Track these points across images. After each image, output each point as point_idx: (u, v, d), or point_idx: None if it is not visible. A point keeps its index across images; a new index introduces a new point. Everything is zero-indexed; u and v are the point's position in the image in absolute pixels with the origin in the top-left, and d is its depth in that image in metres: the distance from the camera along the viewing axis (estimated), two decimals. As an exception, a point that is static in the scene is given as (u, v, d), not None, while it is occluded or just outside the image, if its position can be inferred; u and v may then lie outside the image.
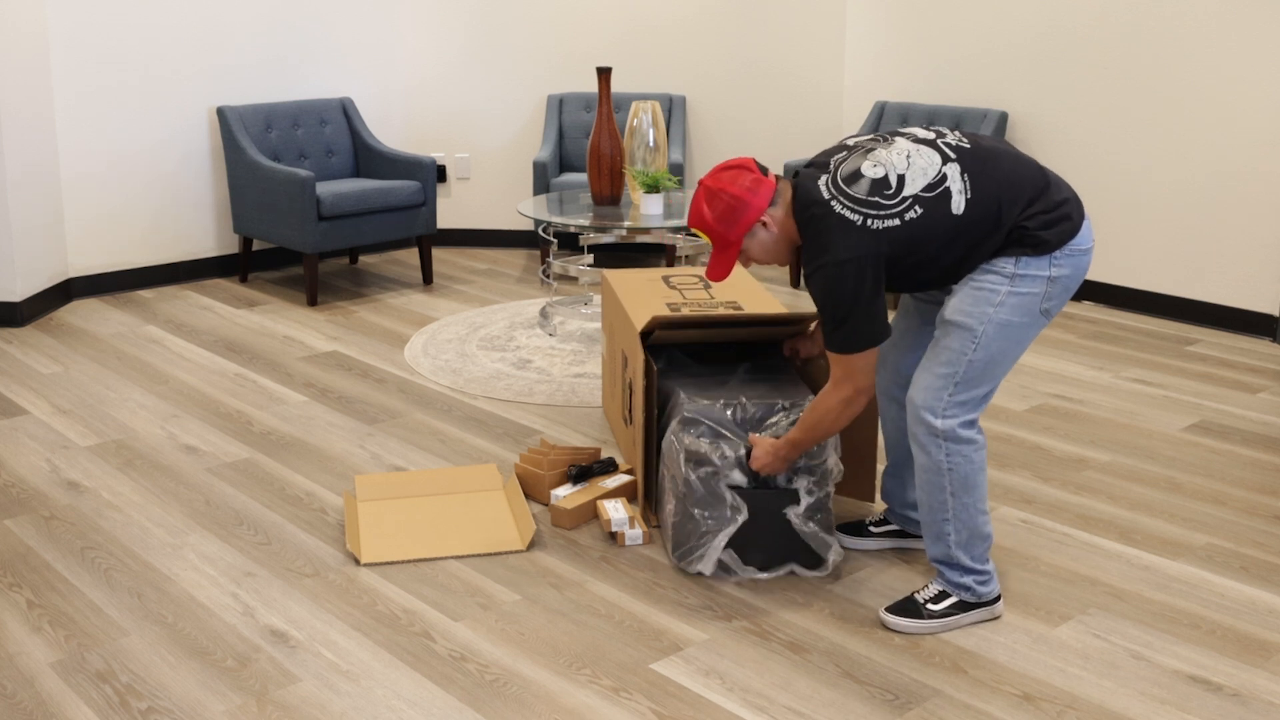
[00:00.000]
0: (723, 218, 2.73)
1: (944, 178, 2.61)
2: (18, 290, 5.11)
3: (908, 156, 2.64)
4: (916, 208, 2.59)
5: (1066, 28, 5.49)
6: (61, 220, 5.47)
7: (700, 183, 2.76)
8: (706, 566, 2.99)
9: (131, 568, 3.09)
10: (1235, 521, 3.39)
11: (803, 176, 2.72)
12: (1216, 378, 4.59)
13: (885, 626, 2.81)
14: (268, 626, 2.81)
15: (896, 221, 2.58)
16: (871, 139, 2.74)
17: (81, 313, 5.38)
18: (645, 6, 6.36)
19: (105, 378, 4.52)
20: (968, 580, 2.80)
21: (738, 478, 2.95)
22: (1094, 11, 5.38)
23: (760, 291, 3.75)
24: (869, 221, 2.58)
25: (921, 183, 2.60)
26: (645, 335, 3.27)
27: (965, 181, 2.61)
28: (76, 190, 5.50)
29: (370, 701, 2.53)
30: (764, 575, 3.02)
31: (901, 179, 2.61)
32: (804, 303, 5.58)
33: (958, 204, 2.59)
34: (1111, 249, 5.53)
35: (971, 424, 2.70)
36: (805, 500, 2.96)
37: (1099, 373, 4.64)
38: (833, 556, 3.02)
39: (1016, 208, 2.60)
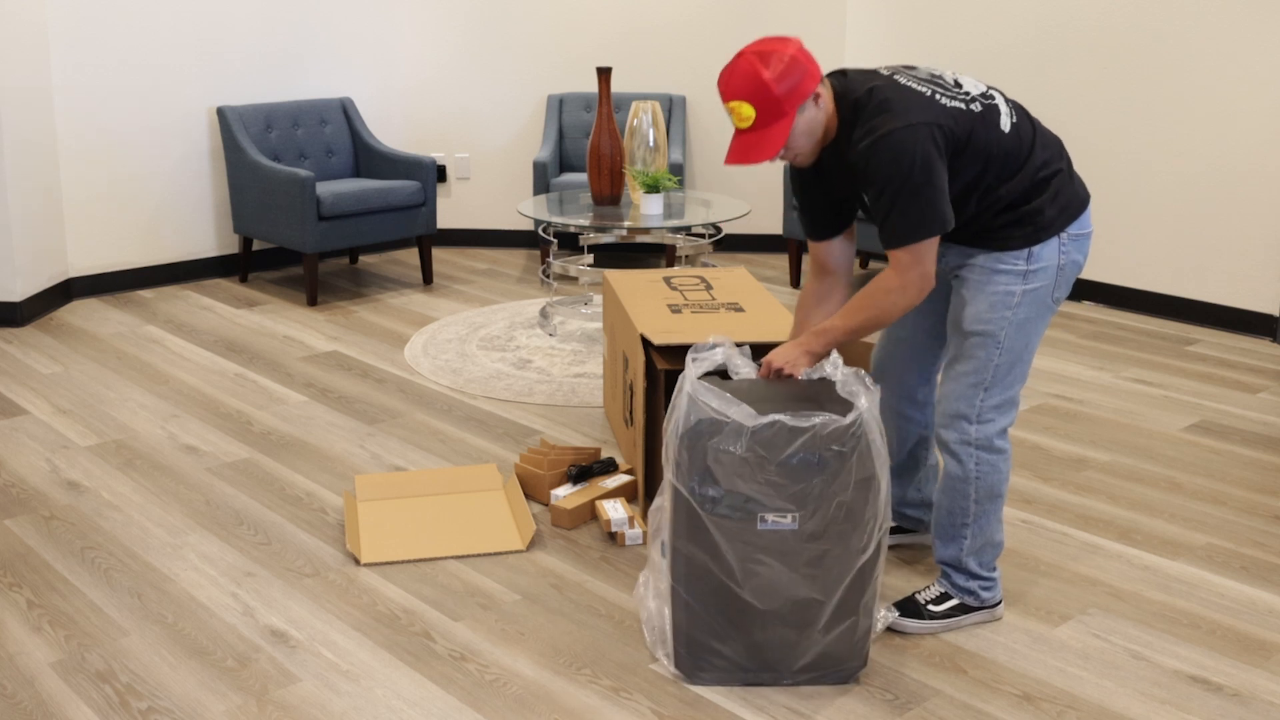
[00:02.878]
0: (784, 78, 2.42)
1: (993, 97, 2.62)
2: (18, 290, 5.11)
3: (955, 75, 2.67)
4: (977, 104, 2.57)
5: (1066, 27, 5.48)
6: (61, 220, 5.46)
7: (743, 52, 2.47)
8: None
9: (131, 568, 3.09)
10: (1235, 521, 3.39)
11: (849, 71, 2.62)
12: (1216, 378, 4.59)
13: (885, 626, 2.81)
14: (268, 626, 2.81)
15: (961, 105, 2.54)
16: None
17: (81, 313, 5.37)
18: (645, 6, 6.36)
19: (105, 378, 4.52)
20: (973, 585, 2.80)
21: (745, 372, 2.59)
22: (1094, 11, 5.38)
23: (761, 292, 3.75)
24: (937, 95, 2.53)
25: (975, 91, 2.61)
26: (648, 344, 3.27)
27: (1010, 108, 2.63)
28: (76, 190, 5.50)
29: (370, 701, 2.53)
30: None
31: (957, 81, 2.62)
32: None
33: (1005, 123, 2.59)
34: (1112, 249, 5.53)
35: (1004, 433, 2.71)
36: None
37: (1099, 373, 4.64)
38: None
39: (1044, 155, 2.62)
